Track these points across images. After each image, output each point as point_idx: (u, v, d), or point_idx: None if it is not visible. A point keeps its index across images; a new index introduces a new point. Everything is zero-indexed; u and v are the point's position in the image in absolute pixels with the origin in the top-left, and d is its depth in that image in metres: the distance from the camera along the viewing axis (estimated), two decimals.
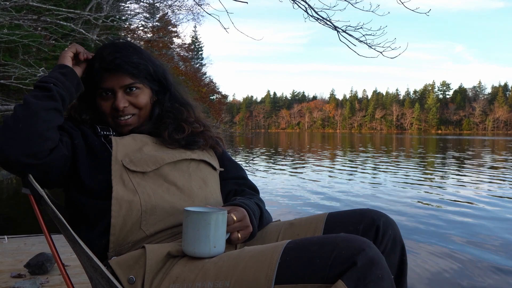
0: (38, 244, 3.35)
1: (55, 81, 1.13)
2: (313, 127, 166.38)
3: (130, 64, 1.23)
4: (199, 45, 43.73)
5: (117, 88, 1.23)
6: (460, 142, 38.51)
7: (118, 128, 1.26)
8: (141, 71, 1.25)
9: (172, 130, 1.27)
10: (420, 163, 15.32)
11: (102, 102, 1.24)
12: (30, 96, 1.08)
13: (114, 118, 1.25)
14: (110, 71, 1.22)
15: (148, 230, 1.08)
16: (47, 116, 1.06)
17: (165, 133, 1.26)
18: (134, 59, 1.24)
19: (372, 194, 7.91)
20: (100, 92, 1.24)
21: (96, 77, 1.23)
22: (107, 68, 1.22)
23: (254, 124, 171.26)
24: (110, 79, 1.22)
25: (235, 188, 1.34)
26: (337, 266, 0.83)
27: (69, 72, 1.19)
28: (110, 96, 1.23)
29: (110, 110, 1.24)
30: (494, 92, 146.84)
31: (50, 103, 1.09)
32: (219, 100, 36.08)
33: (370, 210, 1.17)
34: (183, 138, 1.27)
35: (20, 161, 1.01)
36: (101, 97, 1.24)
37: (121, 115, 1.23)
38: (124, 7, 15.87)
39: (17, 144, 1.01)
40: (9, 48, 7.37)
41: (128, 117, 1.25)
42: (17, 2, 4.46)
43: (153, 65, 1.29)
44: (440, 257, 4.07)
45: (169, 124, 1.29)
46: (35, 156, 1.03)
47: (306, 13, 4.24)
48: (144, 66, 1.26)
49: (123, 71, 1.22)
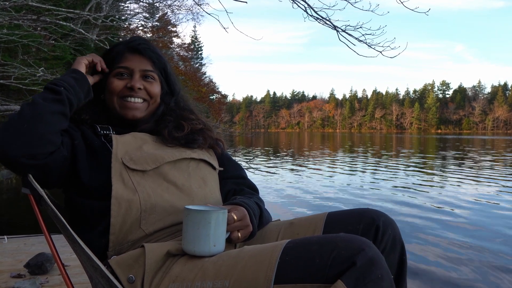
0: (38, 244, 3.35)
1: (66, 85, 1.14)
2: (312, 126, 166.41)
3: (154, 53, 1.29)
4: (199, 45, 43.76)
5: (136, 70, 1.26)
6: (460, 142, 38.52)
7: (124, 110, 1.25)
8: (160, 64, 1.30)
9: (172, 128, 1.28)
10: (419, 163, 15.32)
11: (115, 80, 1.26)
12: (39, 97, 1.08)
13: (122, 98, 1.25)
14: (133, 52, 1.27)
15: (148, 229, 1.08)
16: (53, 119, 1.07)
17: (165, 131, 1.27)
18: (158, 51, 1.31)
19: (371, 194, 7.91)
20: (117, 72, 1.26)
21: (117, 57, 1.26)
22: (132, 48, 1.27)
23: (254, 124, 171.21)
24: (132, 60, 1.26)
25: (234, 188, 1.34)
26: (336, 266, 0.83)
27: (81, 77, 1.20)
28: (126, 77, 1.26)
29: (121, 89, 1.25)
30: (494, 91, 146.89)
31: (58, 106, 1.09)
32: (219, 100, 36.13)
33: (369, 209, 1.17)
34: (183, 136, 1.27)
35: (18, 161, 1.02)
36: (116, 76, 1.26)
37: (132, 95, 1.24)
38: (123, 7, 15.87)
39: (19, 144, 1.01)
40: (9, 48, 7.37)
41: (139, 101, 1.26)
42: (17, 2, 4.46)
43: (169, 67, 1.35)
44: (439, 256, 4.08)
45: (169, 122, 1.30)
46: (34, 157, 1.03)
47: (305, 12, 4.24)
48: (163, 62, 1.32)
49: (147, 56, 1.27)
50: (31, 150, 1.02)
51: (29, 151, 1.02)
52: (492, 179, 10.22)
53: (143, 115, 1.28)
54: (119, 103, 1.26)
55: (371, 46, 4.09)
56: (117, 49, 1.29)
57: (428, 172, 12.18)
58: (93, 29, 8.81)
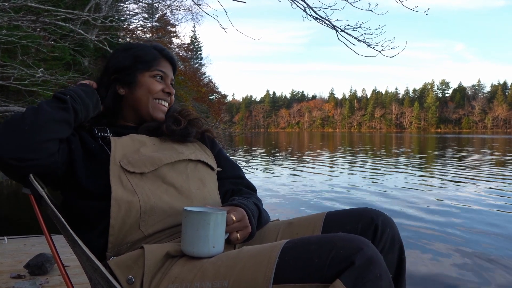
0: (38, 244, 3.35)
1: (73, 94, 1.16)
2: (312, 126, 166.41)
3: (176, 63, 1.43)
4: (198, 45, 43.73)
5: (169, 77, 1.37)
6: (460, 141, 38.53)
7: (155, 111, 1.32)
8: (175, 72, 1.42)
9: (171, 123, 1.33)
10: (419, 162, 15.33)
11: (154, 82, 1.33)
12: (45, 103, 1.09)
13: (157, 100, 1.33)
14: (167, 59, 1.37)
15: (147, 231, 1.08)
16: (54, 127, 1.07)
17: (164, 125, 1.31)
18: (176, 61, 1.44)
19: (370, 193, 7.91)
20: (155, 74, 1.33)
21: (154, 60, 1.34)
22: (166, 56, 1.37)
23: (253, 124, 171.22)
24: (166, 66, 1.36)
25: (232, 188, 1.34)
26: (335, 265, 0.83)
27: (90, 90, 1.24)
28: (161, 81, 1.34)
29: (159, 92, 1.33)
30: (493, 90, 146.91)
31: (62, 114, 1.09)
32: (218, 100, 36.13)
33: (368, 209, 1.18)
34: (180, 129, 1.31)
35: (7, 162, 1.00)
36: (154, 78, 1.33)
37: (165, 99, 1.34)
38: (123, 7, 15.87)
39: (12, 146, 1.00)
40: (8, 49, 7.37)
41: (166, 104, 1.36)
42: (16, 3, 4.46)
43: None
44: (439, 255, 4.08)
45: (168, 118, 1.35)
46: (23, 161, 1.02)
47: (304, 12, 4.25)
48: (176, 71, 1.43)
49: (174, 65, 1.40)
50: (23, 155, 1.01)
51: (20, 155, 1.01)
52: (493, 177, 10.22)
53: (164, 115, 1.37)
54: (152, 104, 1.32)
55: (370, 45, 4.10)
56: (151, 52, 1.35)
57: (427, 171, 12.19)
58: (92, 30, 8.80)
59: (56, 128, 1.07)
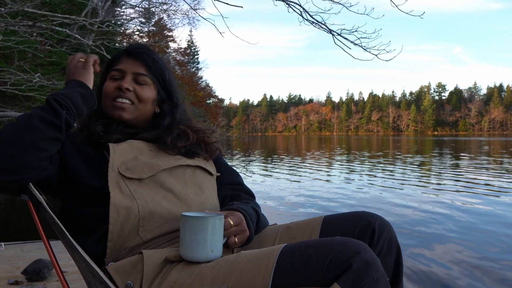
0: (35, 250, 3.34)
1: (69, 105, 1.10)
2: (309, 129, 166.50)
3: (149, 58, 1.29)
4: (195, 49, 43.67)
5: (128, 72, 1.27)
6: (457, 143, 38.62)
7: (112, 110, 1.24)
8: (156, 69, 1.30)
9: (176, 135, 1.28)
10: (416, 165, 15.35)
11: (108, 83, 1.27)
12: (37, 117, 1.03)
13: (112, 100, 1.25)
14: (129, 56, 1.28)
15: (145, 236, 1.08)
16: (45, 146, 1.03)
17: (168, 138, 1.26)
18: (155, 56, 1.31)
19: (367, 197, 7.92)
20: (111, 75, 1.27)
21: (114, 60, 1.28)
22: (128, 52, 1.29)
23: (251, 128, 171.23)
24: (126, 62, 1.28)
25: (231, 193, 1.34)
26: (333, 269, 0.84)
27: (89, 95, 1.17)
28: (118, 79, 1.27)
29: (112, 91, 1.25)
30: (490, 93, 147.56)
31: (53, 133, 1.05)
32: (215, 104, 36.07)
33: (365, 212, 1.18)
34: (185, 146, 1.27)
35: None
36: (110, 79, 1.27)
37: (120, 96, 1.24)
38: (119, 12, 15.87)
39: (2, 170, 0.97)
40: (5, 54, 7.37)
41: (126, 101, 1.25)
42: (12, 8, 4.46)
43: (169, 75, 1.33)
44: (435, 259, 4.08)
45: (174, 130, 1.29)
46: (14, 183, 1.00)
47: (301, 16, 4.26)
48: (160, 67, 1.31)
49: (141, 60, 1.28)
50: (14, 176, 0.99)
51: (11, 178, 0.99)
52: (490, 179, 10.25)
53: (131, 117, 1.26)
54: (110, 105, 1.26)
55: (367, 49, 4.12)
56: (117, 54, 1.32)
57: (424, 174, 12.21)
58: (89, 35, 8.80)
59: (48, 147, 1.04)
